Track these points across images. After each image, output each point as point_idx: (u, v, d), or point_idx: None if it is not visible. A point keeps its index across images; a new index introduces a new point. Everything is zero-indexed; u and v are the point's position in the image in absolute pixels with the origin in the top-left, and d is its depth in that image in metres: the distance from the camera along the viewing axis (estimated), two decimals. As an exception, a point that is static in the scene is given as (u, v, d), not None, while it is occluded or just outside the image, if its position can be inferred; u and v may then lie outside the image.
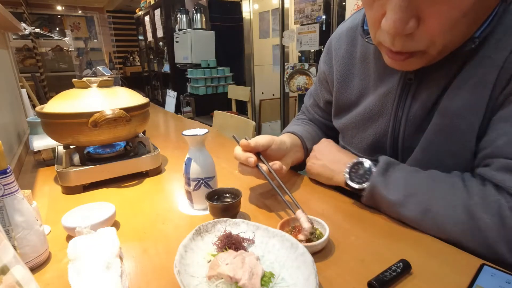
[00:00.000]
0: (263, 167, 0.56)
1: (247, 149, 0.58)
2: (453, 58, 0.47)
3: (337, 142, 0.79)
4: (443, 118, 0.49)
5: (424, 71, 0.51)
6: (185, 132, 0.57)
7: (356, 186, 0.54)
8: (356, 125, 0.63)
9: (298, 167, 0.75)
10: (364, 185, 0.52)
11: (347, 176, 0.55)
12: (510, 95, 0.43)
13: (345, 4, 1.90)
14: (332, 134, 0.77)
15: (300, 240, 0.42)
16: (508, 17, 0.44)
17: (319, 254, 0.44)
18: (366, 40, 0.55)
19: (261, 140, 0.59)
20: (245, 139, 0.59)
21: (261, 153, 0.59)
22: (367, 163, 0.54)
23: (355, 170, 0.55)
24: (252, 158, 0.56)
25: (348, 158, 0.59)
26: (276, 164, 0.57)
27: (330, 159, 0.62)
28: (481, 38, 0.44)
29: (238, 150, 0.59)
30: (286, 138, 0.67)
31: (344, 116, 0.67)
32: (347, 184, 0.55)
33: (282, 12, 2.32)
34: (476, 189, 0.44)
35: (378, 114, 0.58)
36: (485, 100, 0.45)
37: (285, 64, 2.38)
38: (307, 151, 0.71)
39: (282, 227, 0.47)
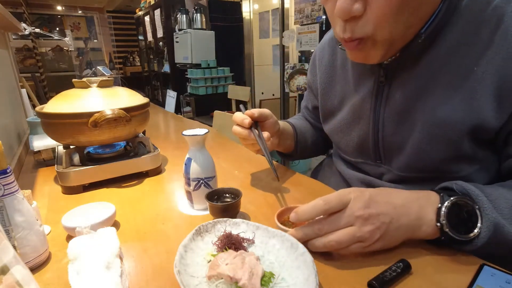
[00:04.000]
0: (255, 131, 0.62)
1: (249, 115, 0.62)
2: (410, 55, 0.50)
3: (330, 144, 0.81)
4: (431, 128, 0.50)
5: (393, 74, 0.54)
6: (185, 132, 0.57)
7: (468, 235, 0.40)
8: (341, 129, 0.66)
9: (290, 156, 0.81)
10: (476, 231, 0.40)
11: (445, 223, 0.41)
12: None
13: (345, 4, 1.90)
14: (324, 135, 0.79)
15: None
16: (457, 14, 0.47)
17: (319, 254, 0.44)
18: (340, 47, 0.57)
19: (263, 110, 0.64)
20: (244, 107, 0.67)
21: (258, 124, 0.64)
22: (458, 199, 0.41)
23: (451, 213, 0.41)
24: (247, 119, 0.61)
25: (415, 200, 0.44)
26: (265, 133, 0.61)
27: (398, 210, 0.42)
28: (427, 33, 0.47)
29: (238, 114, 0.64)
30: (281, 123, 0.72)
31: (330, 121, 0.70)
32: (447, 236, 0.41)
33: (282, 12, 2.32)
34: None
35: (359, 117, 0.61)
36: (479, 112, 0.46)
37: (285, 64, 2.38)
38: (296, 141, 0.77)
39: (280, 216, 0.49)
